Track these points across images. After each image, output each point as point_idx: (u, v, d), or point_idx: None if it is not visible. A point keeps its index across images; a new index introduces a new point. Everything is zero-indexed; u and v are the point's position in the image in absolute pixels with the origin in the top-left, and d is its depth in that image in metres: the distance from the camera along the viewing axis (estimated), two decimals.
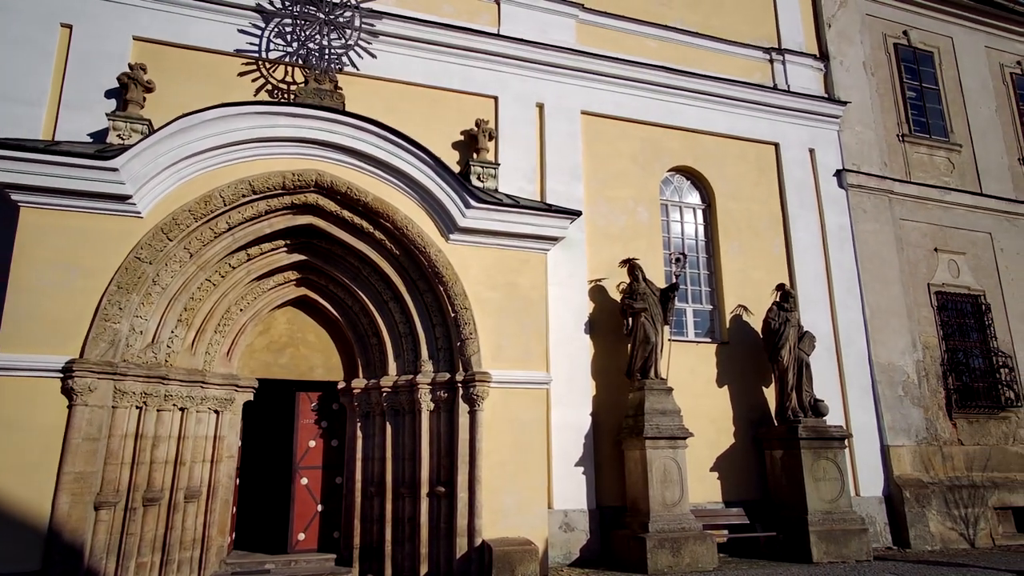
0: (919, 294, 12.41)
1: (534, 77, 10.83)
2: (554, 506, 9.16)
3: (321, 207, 8.44)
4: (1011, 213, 13.73)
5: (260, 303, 8.83)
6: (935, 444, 11.59)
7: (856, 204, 12.37)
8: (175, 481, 7.70)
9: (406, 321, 8.80)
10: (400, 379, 8.65)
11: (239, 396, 8.66)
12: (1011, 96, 14.80)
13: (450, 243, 8.74)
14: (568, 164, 10.61)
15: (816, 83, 12.94)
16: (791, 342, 10.37)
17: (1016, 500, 11.66)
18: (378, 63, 9.93)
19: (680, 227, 11.51)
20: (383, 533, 8.32)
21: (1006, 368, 12.54)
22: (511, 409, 8.54)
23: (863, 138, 12.88)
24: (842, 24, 13.49)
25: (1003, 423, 12.27)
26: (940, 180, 13.37)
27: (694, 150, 11.63)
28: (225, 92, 8.96)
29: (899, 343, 11.87)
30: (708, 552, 8.71)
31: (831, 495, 9.76)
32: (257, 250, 8.49)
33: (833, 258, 11.91)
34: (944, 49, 14.39)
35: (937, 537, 10.85)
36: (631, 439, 9.28)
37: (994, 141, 14.22)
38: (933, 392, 11.91)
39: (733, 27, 12.64)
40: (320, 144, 8.41)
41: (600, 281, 10.32)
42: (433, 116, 10.10)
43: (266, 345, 9.02)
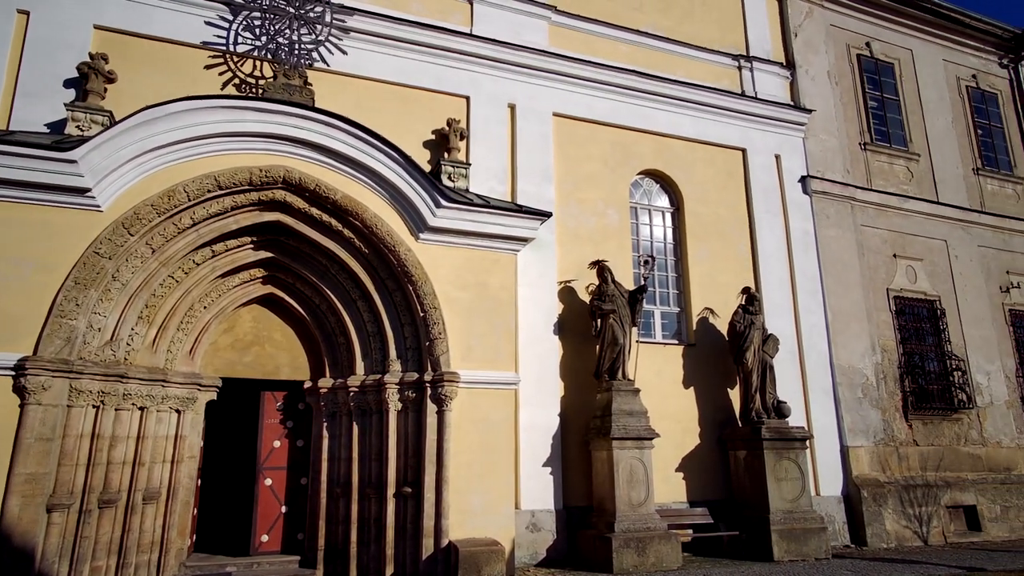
0: (878, 299, 12.76)
1: (506, 78, 10.84)
2: (521, 506, 9.18)
3: (289, 204, 8.32)
4: (965, 221, 14.21)
5: (225, 300, 8.67)
6: (892, 445, 11.92)
7: (820, 210, 12.66)
8: (133, 482, 7.51)
9: (374, 320, 8.73)
10: (368, 379, 8.57)
11: (202, 395, 8.49)
12: (966, 108, 15.32)
13: (420, 242, 8.70)
14: (539, 165, 10.64)
15: (783, 91, 13.22)
16: (756, 345, 10.57)
17: (967, 499, 12.06)
18: (349, 60, 9.84)
19: (649, 230, 11.64)
20: (348, 534, 8.23)
21: (959, 371, 12.96)
22: (479, 409, 8.53)
23: (827, 145, 13.19)
24: (808, 34, 13.80)
25: (956, 424, 12.68)
26: (899, 188, 13.77)
27: (663, 154, 11.77)
28: (191, 85, 8.78)
29: (859, 346, 12.19)
30: (673, 552, 8.82)
31: (792, 495, 9.96)
32: (223, 246, 8.33)
33: (797, 263, 12.17)
34: (904, 61, 14.83)
35: (892, 535, 11.16)
36: (598, 439, 9.34)
37: (950, 151, 14.70)
38: (891, 394, 12.25)
39: (703, 33, 12.84)
40: (289, 140, 8.30)
41: (570, 282, 10.37)
42: (404, 115, 10.04)
43: (231, 343, 8.86)
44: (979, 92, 15.65)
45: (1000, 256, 14.44)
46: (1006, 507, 12.32)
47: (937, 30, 15.28)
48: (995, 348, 13.61)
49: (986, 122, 15.50)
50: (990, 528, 12.00)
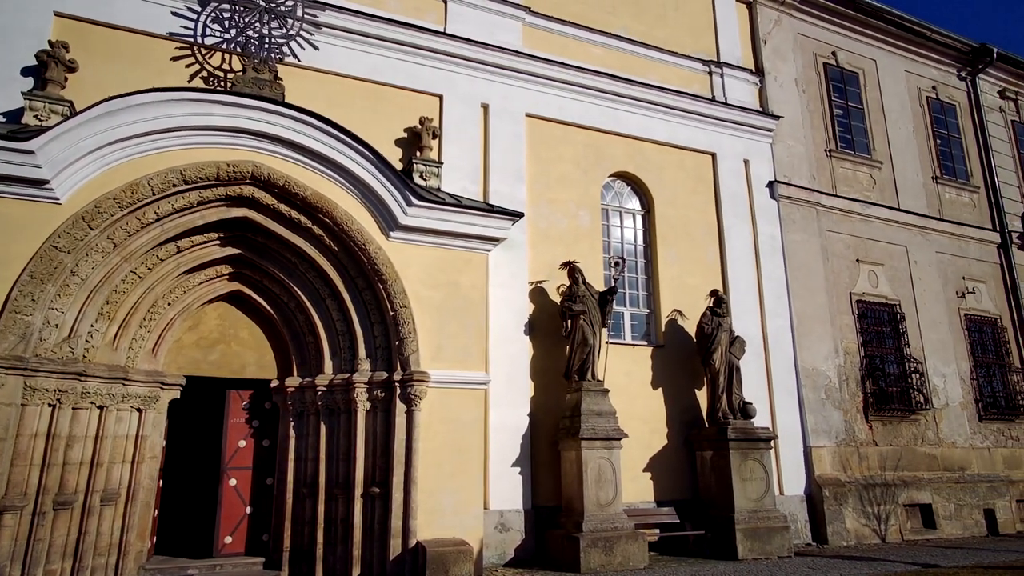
0: (842, 302, 13.06)
1: (480, 77, 10.82)
2: (490, 506, 9.17)
3: (257, 200, 8.18)
4: (924, 228, 14.64)
5: (190, 297, 8.49)
6: (853, 445, 12.22)
7: (786, 215, 12.91)
8: (91, 483, 7.30)
9: (344, 319, 8.64)
10: (336, 378, 8.48)
11: (165, 394, 8.30)
12: (926, 118, 15.78)
13: (391, 241, 8.64)
14: (512, 166, 10.65)
15: (752, 97, 13.45)
16: (723, 346, 10.73)
17: (923, 498, 12.42)
18: (320, 55, 9.72)
19: (620, 232, 11.73)
20: (315, 535, 8.13)
21: (917, 374, 13.34)
22: (449, 409, 8.50)
23: (794, 152, 13.46)
24: (777, 42, 14.07)
25: (913, 425, 13.05)
26: (863, 194, 14.11)
27: (635, 157, 11.88)
28: (156, 77, 8.57)
29: (823, 349, 12.46)
30: (639, 551, 8.90)
31: (757, 494, 10.14)
32: (188, 242, 8.16)
33: (764, 266, 12.40)
34: (869, 71, 15.21)
35: (852, 533, 11.44)
36: (567, 440, 9.39)
37: (911, 160, 15.13)
38: (852, 396, 12.55)
39: (675, 39, 12.99)
40: (258, 135, 8.17)
41: (541, 283, 10.40)
42: (376, 112, 9.96)
43: (195, 341, 8.68)
44: (939, 103, 16.13)
45: (956, 262, 14.91)
46: (959, 505, 12.72)
47: (900, 42, 15.72)
48: (951, 351, 14.04)
49: (945, 132, 15.99)
50: (944, 526, 12.38)
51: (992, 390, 14.48)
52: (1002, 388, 14.60)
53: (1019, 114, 17.51)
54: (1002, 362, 14.76)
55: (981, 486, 13.13)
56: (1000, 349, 14.85)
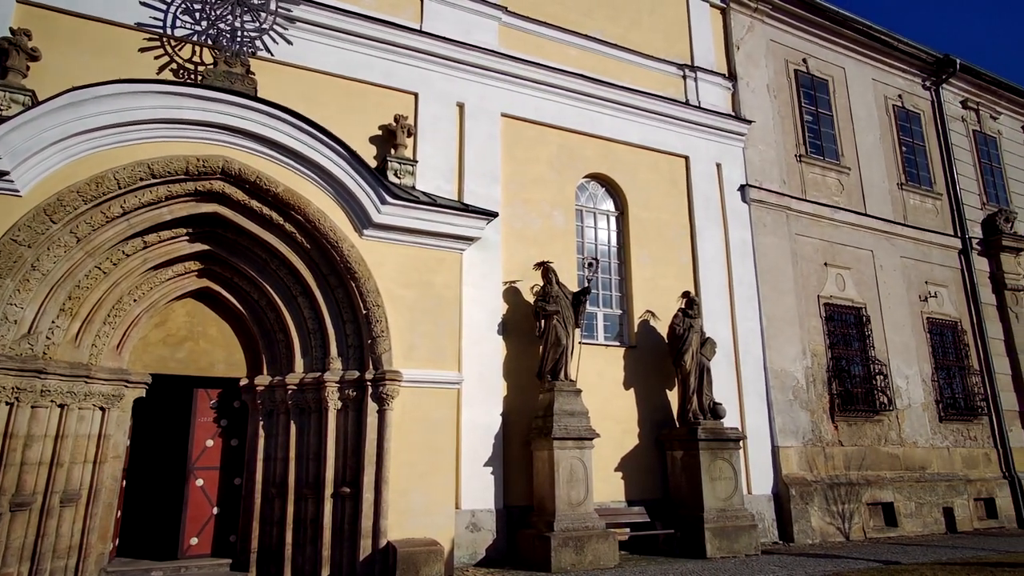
0: (810, 305, 13.31)
1: (456, 76, 10.79)
2: (462, 506, 9.15)
3: (228, 195, 8.06)
4: (890, 233, 14.99)
5: (157, 294, 8.32)
6: (819, 445, 12.46)
7: (757, 219, 13.11)
8: (50, 484, 7.11)
9: (315, 317, 8.55)
10: (307, 377, 8.39)
11: (129, 392, 8.12)
12: (892, 126, 16.17)
13: (364, 239, 8.58)
14: (487, 165, 10.64)
15: (724, 101, 13.63)
16: (694, 348, 10.85)
17: (885, 496, 12.72)
18: (294, 50, 9.60)
19: (594, 233, 11.80)
20: (283, 536, 8.03)
21: (881, 375, 13.66)
22: (421, 409, 8.47)
23: (765, 156, 13.68)
24: (749, 47, 14.28)
25: (877, 426, 13.35)
26: (831, 199, 14.40)
27: (609, 158, 11.96)
28: (123, 68, 8.37)
29: (791, 351, 12.68)
30: (610, 550, 8.96)
31: (726, 494, 10.27)
32: (155, 237, 7.99)
33: (735, 269, 12.57)
34: (838, 78, 15.53)
35: (818, 531, 11.66)
36: (540, 439, 9.41)
37: (878, 166, 15.48)
38: (819, 397, 12.80)
39: (650, 42, 13.11)
40: (229, 130, 8.04)
41: (515, 283, 10.41)
42: (350, 109, 9.87)
43: (162, 338, 8.50)
44: (904, 111, 16.54)
45: (920, 267, 15.30)
46: (920, 504, 13.05)
47: (868, 51, 16.08)
48: (914, 354, 14.40)
49: (910, 140, 16.39)
50: (905, 524, 12.69)
51: (952, 391, 14.89)
52: (961, 390, 15.02)
53: (980, 124, 18.03)
54: (962, 364, 15.19)
55: (940, 485, 13.49)
56: (960, 352, 15.28)
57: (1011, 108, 18.91)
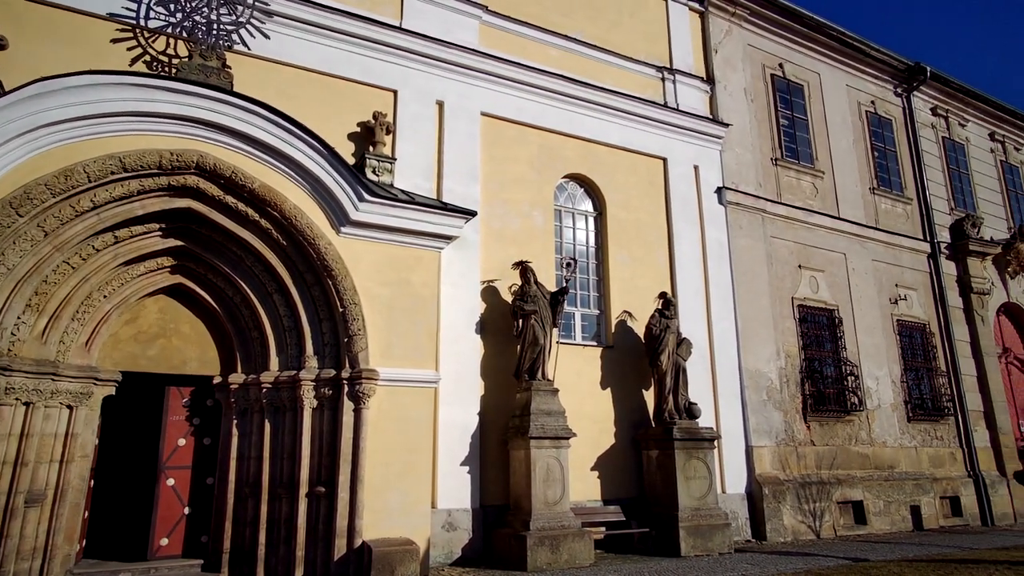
0: (784, 307, 13.50)
1: (436, 74, 10.75)
2: (438, 505, 9.12)
3: (202, 191, 7.93)
4: (862, 236, 15.27)
5: (128, 290, 8.15)
6: (791, 445, 12.65)
7: (733, 221, 13.27)
8: (14, 484, 6.93)
9: (291, 315, 8.45)
10: (282, 375, 8.29)
11: (98, 390, 7.94)
12: (865, 132, 16.47)
13: (341, 236, 8.50)
14: (466, 164, 10.62)
15: (702, 104, 13.77)
16: (670, 348, 10.95)
17: (855, 495, 12.95)
18: (272, 44, 9.48)
19: (572, 233, 11.84)
20: (256, 536, 7.92)
21: (852, 376, 13.91)
22: (398, 408, 8.42)
23: (742, 159, 13.85)
24: (727, 51, 14.44)
25: (848, 425, 13.60)
26: (805, 203, 14.63)
27: (589, 159, 12.01)
28: (94, 59, 8.20)
29: (765, 352, 12.85)
30: (585, 549, 9.00)
31: (700, 492, 10.38)
32: (127, 232, 7.84)
33: (711, 270, 12.70)
34: (813, 84, 15.78)
35: (789, 530, 11.84)
36: (517, 439, 9.41)
37: (851, 171, 15.76)
38: (792, 397, 12.99)
39: (630, 44, 13.19)
40: (204, 124, 7.92)
41: (493, 282, 10.40)
42: (329, 105, 9.78)
43: (133, 335, 8.34)
44: (876, 117, 16.86)
45: (891, 270, 15.61)
46: (888, 502, 13.32)
47: (842, 57, 16.36)
48: (884, 355, 14.69)
49: (882, 145, 16.72)
50: (874, 521, 12.94)
51: (920, 392, 15.22)
52: (929, 391, 15.36)
53: (949, 131, 18.45)
54: (929, 366, 15.53)
55: (908, 484, 13.79)
56: (928, 353, 15.62)
57: (978, 116, 19.38)
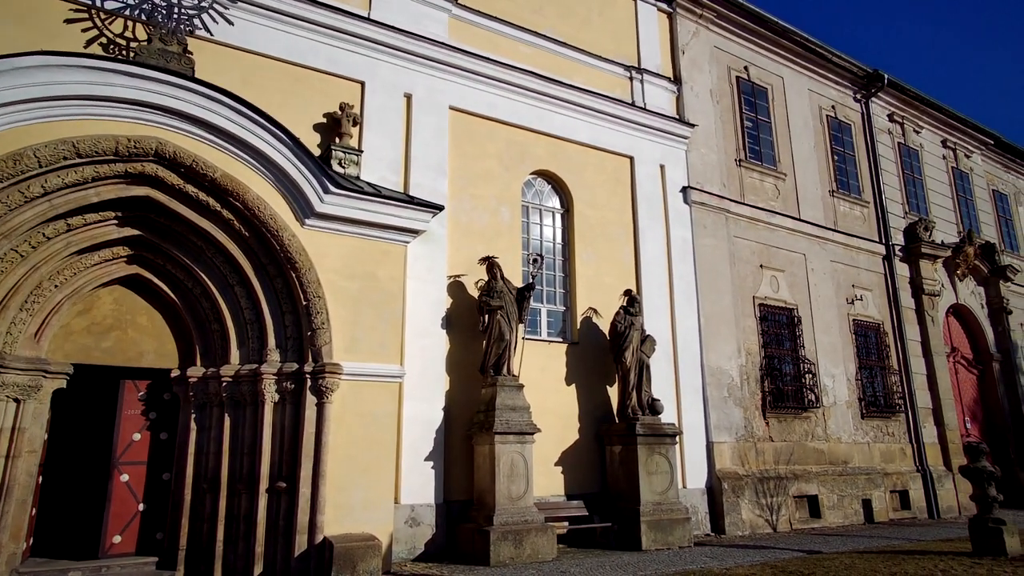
0: (746, 305, 13.77)
1: (404, 67, 10.65)
2: (401, 501, 9.06)
3: (161, 179, 7.72)
4: (821, 238, 15.66)
5: (81, 280, 7.89)
6: (751, 440, 12.92)
7: (698, 220, 13.47)
8: None
9: (252, 307, 8.29)
10: (243, 368, 8.13)
11: (48, 383, 7.68)
12: (826, 135, 16.89)
13: (306, 228, 8.38)
14: (434, 158, 10.55)
15: (669, 104, 13.93)
16: (634, 345, 11.07)
17: (810, 489, 13.31)
18: (235, 31, 9.27)
19: (539, 229, 11.87)
20: (215, 532, 7.77)
21: (810, 374, 14.27)
22: (362, 402, 8.35)
23: (707, 159, 14.06)
24: (694, 52, 14.64)
25: (805, 422, 13.95)
26: (768, 204, 14.93)
27: (557, 156, 12.05)
28: (47, 39, 7.90)
29: (727, 349, 13.09)
30: (548, 543, 9.05)
31: (662, 487, 10.53)
32: (80, 220, 7.58)
33: (675, 269, 12.88)
34: (777, 87, 16.10)
35: (747, 523, 12.10)
36: (481, 434, 9.41)
37: (811, 173, 16.14)
38: (752, 394, 13.27)
39: (600, 42, 13.27)
40: (163, 111, 7.70)
41: (459, 277, 10.37)
42: (294, 95, 9.61)
43: (87, 327, 8.08)
44: (837, 121, 17.30)
45: (848, 271, 16.05)
46: (842, 496, 13.72)
47: (805, 62, 16.73)
48: (840, 354, 15.10)
49: (841, 149, 17.16)
50: (828, 515, 13.31)
51: (873, 390, 15.70)
52: (882, 388, 15.86)
53: (904, 137, 19.04)
54: (883, 364, 16.02)
55: (860, 478, 14.22)
56: (882, 352, 16.11)
57: (932, 123, 20.03)
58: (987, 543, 9.25)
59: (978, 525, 9.47)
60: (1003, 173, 22.80)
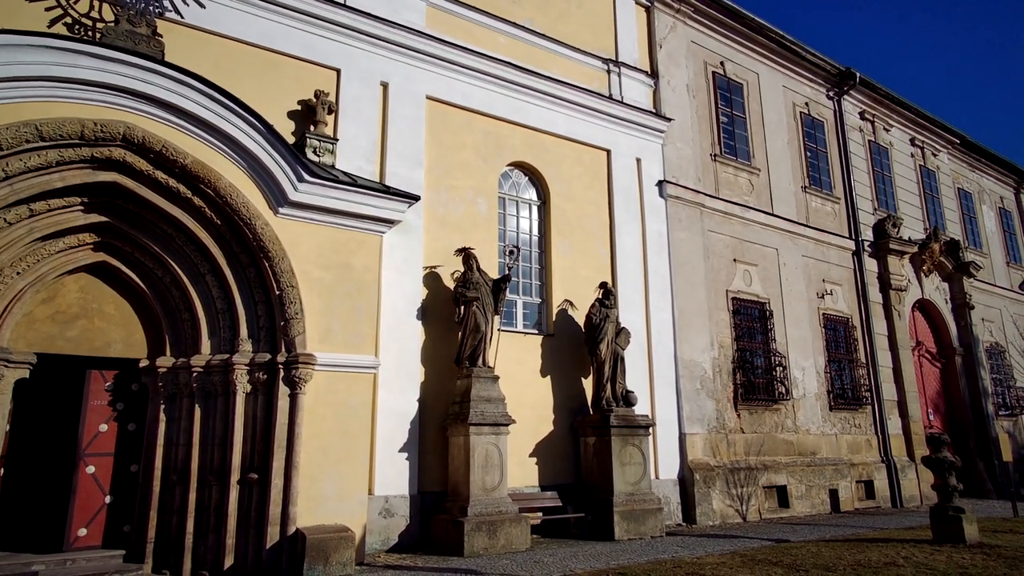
0: (719, 299, 13.94)
1: (380, 55, 10.53)
2: (375, 492, 9.03)
3: (130, 164, 7.54)
4: (794, 233, 15.91)
5: (45, 267, 7.69)
6: (722, 432, 13.12)
7: (673, 214, 13.58)
8: None
9: (224, 297, 8.16)
10: (214, 358, 8.01)
11: (10, 373, 7.48)
12: (799, 132, 17.12)
13: (279, 217, 8.26)
14: (410, 148, 10.46)
15: (646, 98, 13.99)
16: (609, 337, 11.14)
17: (779, 480, 13.57)
18: (207, 15, 9.05)
19: (516, 221, 11.86)
20: (184, 524, 7.66)
21: (781, 367, 14.51)
22: (336, 393, 8.28)
23: (682, 154, 14.17)
24: (671, 47, 14.71)
25: (775, 414, 14.20)
26: (742, 199, 15.11)
27: (534, 148, 12.04)
28: (7, 18, 7.64)
29: (700, 342, 13.25)
30: (522, 534, 9.10)
31: (635, 478, 10.65)
32: (44, 205, 7.37)
33: (651, 262, 12.97)
34: (752, 83, 16.27)
35: (718, 513, 12.30)
36: (456, 425, 9.41)
37: (785, 169, 16.36)
38: (724, 386, 13.46)
39: (578, 35, 13.26)
40: (132, 94, 7.52)
41: (435, 268, 10.32)
42: (268, 81, 9.44)
43: (51, 315, 7.87)
44: (810, 118, 17.55)
45: (819, 266, 16.33)
46: (809, 486, 14.02)
47: (780, 58, 16.92)
48: (810, 347, 15.38)
49: (814, 146, 17.42)
50: (796, 505, 13.59)
51: (842, 383, 16.03)
52: (850, 381, 16.20)
53: (875, 135, 19.39)
54: (851, 358, 16.37)
55: (828, 469, 14.53)
56: (850, 346, 16.46)
57: (901, 122, 20.44)
58: (947, 531, 9.53)
59: (939, 513, 9.75)
60: (968, 172, 23.37)
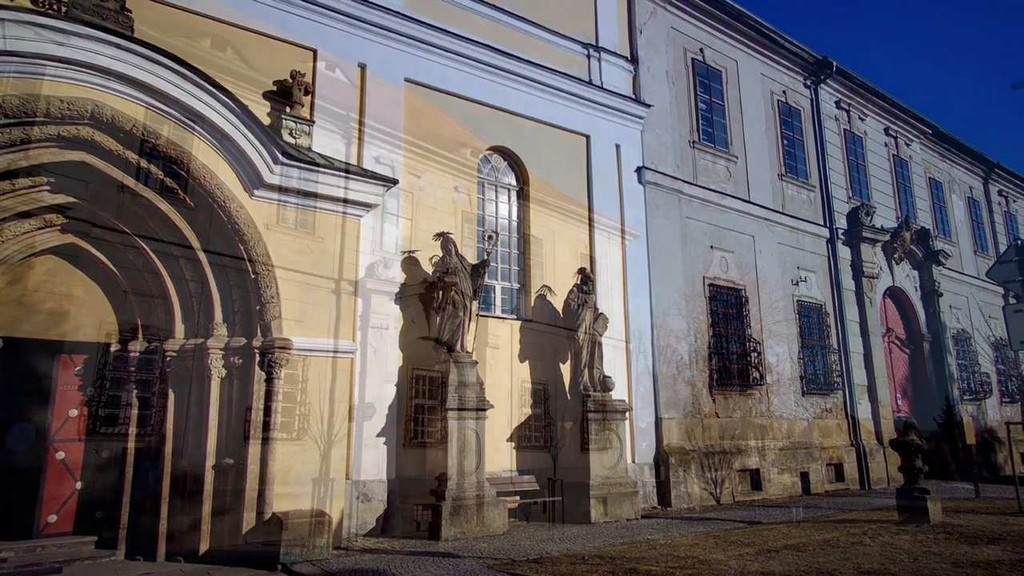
0: (696, 285, 14.07)
1: (358, 36, 10.35)
2: (352, 476, 9.00)
3: (98, 144, 7.35)
4: (770, 220, 16.08)
5: (10, 248, 7.51)
6: (698, 417, 13.30)
7: (651, 200, 13.63)
8: None
9: (198, 280, 8.04)
10: (188, 343, 7.91)
11: None
12: (776, 120, 17.26)
13: (255, 199, 8.13)
14: (388, 131, 10.33)
15: (626, 84, 13.97)
16: (587, 323, 11.20)
17: (752, 463, 13.82)
18: None
19: (495, 206, 11.82)
20: (158, 510, 7.59)
21: (755, 353, 14.72)
22: (313, 378, 8.23)
23: (661, 140, 14.20)
24: (651, 33, 14.69)
25: (749, 399, 14.43)
26: (720, 185, 15.21)
27: (513, 132, 11.97)
28: None
29: (677, 328, 13.37)
30: (499, 517, 9.17)
31: (611, 462, 10.76)
32: (8, 185, 7.18)
33: (629, 248, 13.04)
34: (731, 70, 16.33)
35: (694, 496, 12.50)
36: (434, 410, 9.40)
37: (762, 157, 16.50)
38: (700, 372, 13.62)
39: (557, 19, 13.16)
40: (100, 71, 7.30)
41: (413, 252, 10.25)
42: (242, 61, 9.22)
43: (17, 298, 7.69)
44: (787, 106, 17.69)
45: (794, 253, 16.55)
46: (782, 470, 14.30)
47: (759, 46, 16.99)
48: (784, 333, 15.62)
49: (791, 134, 17.58)
50: (768, 488, 13.87)
51: (814, 368, 16.33)
52: (822, 367, 16.51)
53: (850, 124, 19.62)
54: (824, 343, 16.67)
55: (800, 452, 14.83)
56: (823, 332, 16.74)
57: (876, 111, 20.70)
58: (912, 511, 9.80)
59: (905, 494, 10.02)
60: (939, 162, 23.79)
